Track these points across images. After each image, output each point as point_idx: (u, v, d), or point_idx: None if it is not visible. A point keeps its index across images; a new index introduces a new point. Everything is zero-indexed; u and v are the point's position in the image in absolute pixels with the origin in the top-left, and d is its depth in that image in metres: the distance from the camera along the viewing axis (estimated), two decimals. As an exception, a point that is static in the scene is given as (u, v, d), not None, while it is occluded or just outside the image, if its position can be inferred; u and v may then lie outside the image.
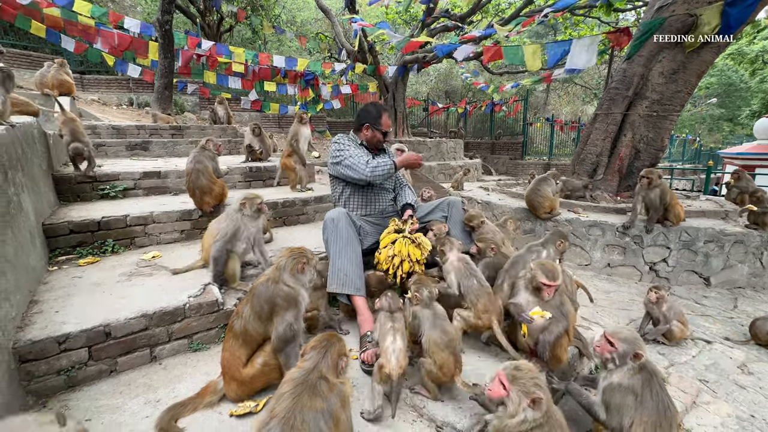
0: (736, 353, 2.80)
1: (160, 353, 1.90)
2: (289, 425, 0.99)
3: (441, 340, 1.61)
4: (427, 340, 1.63)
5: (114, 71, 10.62)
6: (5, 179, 1.88)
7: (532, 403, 1.17)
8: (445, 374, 1.58)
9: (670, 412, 1.41)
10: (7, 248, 1.71)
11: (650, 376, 1.47)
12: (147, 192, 3.58)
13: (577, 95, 23.73)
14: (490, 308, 1.88)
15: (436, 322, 1.68)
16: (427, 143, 10.78)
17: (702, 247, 3.88)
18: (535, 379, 1.21)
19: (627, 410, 1.43)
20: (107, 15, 9.25)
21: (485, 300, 1.90)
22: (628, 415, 1.43)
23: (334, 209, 2.29)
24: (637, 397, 1.44)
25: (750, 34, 16.94)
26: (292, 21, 18.21)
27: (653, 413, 1.40)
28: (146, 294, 2.03)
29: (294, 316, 1.63)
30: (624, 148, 5.16)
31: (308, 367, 1.14)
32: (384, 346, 1.62)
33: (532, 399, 1.17)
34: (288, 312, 1.62)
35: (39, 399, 1.58)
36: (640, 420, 1.40)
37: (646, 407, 1.42)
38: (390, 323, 1.69)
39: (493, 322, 1.85)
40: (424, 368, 1.61)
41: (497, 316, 1.88)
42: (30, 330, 1.64)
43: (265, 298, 1.61)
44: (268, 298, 1.61)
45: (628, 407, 1.44)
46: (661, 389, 1.44)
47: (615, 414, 1.46)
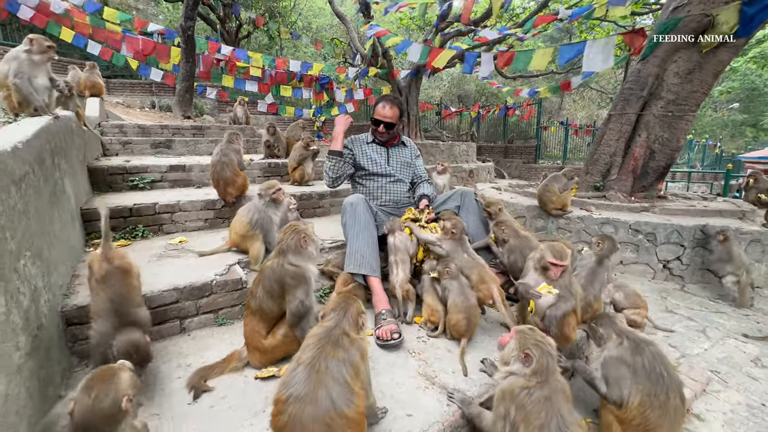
0: (750, 348, 2.79)
1: (189, 325, 2.03)
2: (314, 369, 1.10)
3: (461, 304, 1.92)
4: (452, 303, 1.94)
5: (137, 75, 11.06)
6: (53, 163, 2.05)
7: (524, 357, 1.25)
8: (457, 331, 1.92)
9: (663, 381, 1.44)
10: (54, 225, 1.87)
11: (636, 345, 1.52)
12: (172, 184, 3.77)
13: (592, 99, 23.49)
14: (486, 278, 2.03)
15: (462, 290, 1.96)
16: (440, 146, 10.85)
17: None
18: (539, 342, 1.28)
19: (624, 381, 1.49)
20: (132, 21, 9.69)
21: (478, 271, 2.06)
22: (626, 386, 1.48)
23: (353, 195, 2.41)
24: (630, 368, 1.49)
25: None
26: (308, 27, 18.63)
27: (646, 382, 1.45)
28: (176, 272, 2.18)
29: (304, 292, 1.70)
30: (638, 149, 5.15)
31: (330, 325, 1.24)
32: (390, 276, 2.18)
33: (524, 353, 1.25)
34: (298, 289, 1.68)
35: (82, 360, 1.72)
36: (636, 390, 1.46)
37: (639, 376, 1.46)
38: (393, 256, 2.19)
39: (493, 290, 1.99)
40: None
41: (496, 284, 2.03)
42: (74, 297, 1.79)
43: (274, 279, 1.68)
44: (278, 279, 1.68)
45: (624, 378, 1.49)
46: (654, 359, 1.48)
47: (615, 387, 1.52)
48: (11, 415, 1.06)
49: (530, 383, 1.24)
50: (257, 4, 13.79)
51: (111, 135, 5.43)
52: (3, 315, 1.09)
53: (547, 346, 1.31)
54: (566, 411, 1.23)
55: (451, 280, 2.00)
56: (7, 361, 1.08)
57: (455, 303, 1.94)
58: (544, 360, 1.26)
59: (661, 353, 1.52)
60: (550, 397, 1.23)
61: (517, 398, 1.23)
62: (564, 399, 1.26)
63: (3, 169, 1.26)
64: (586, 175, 5.58)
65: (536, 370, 1.25)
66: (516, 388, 1.25)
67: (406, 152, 2.85)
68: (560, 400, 1.24)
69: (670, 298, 3.58)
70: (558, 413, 1.21)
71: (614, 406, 1.51)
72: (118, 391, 1.02)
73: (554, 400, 1.23)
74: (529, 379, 1.25)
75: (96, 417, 0.97)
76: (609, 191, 5.20)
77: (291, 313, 1.68)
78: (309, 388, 1.06)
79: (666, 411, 1.40)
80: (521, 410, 1.21)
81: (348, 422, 1.07)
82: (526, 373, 1.26)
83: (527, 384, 1.24)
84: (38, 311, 1.40)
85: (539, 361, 1.25)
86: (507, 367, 1.32)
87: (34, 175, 1.62)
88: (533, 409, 1.20)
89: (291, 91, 11.96)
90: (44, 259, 1.57)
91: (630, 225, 4.02)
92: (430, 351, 1.88)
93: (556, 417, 1.20)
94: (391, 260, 2.22)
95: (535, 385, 1.24)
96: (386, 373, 1.69)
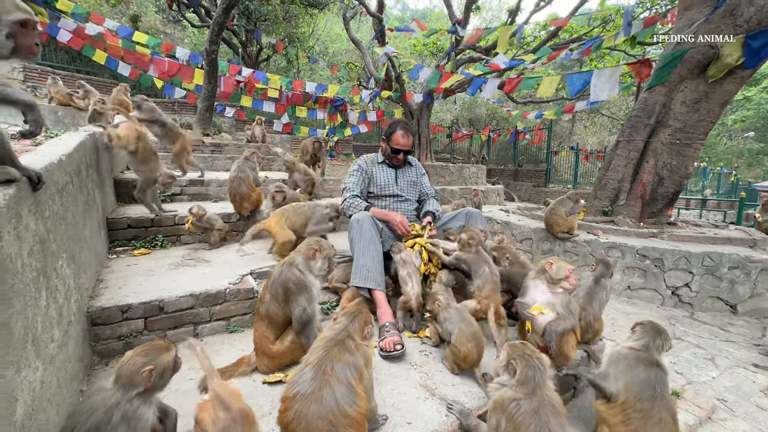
0: (760, 378, 2.75)
1: (202, 331, 2.13)
2: (321, 370, 1.18)
3: (467, 331, 1.84)
4: (458, 332, 1.85)
5: (162, 94, 11.63)
6: (87, 175, 2.23)
7: (509, 368, 1.31)
8: (469, 363, 1.82)
9: (654, 394, 1.50)
10: (85, 231, 2.03)
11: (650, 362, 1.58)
12: (191, 198, 3.96)
13: (603, 125, 23.58)
14: (491, 296, 2.09)
15: (463, 315, 1.92)
16: (450, 168, 11.02)
17: (726, 273, 3.83)
18: (525, 354, 1.34)
19: (620, 378, 1.57)
20: (161, 45, 10.32)
21: (490, 287, 2.11)
22: (621, 382, 1.56)
23: (360, 212, 2.52)
24: (631, 369, 1.56)
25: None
26: (324, 51, 19.39)
27: (637, 387, 1.52)
28: (192, 280, 2.30)
29: (306, 300, 1.76)
30: (646, 175, 5.19)
31: (339, 328, 1.33)
32: (406, 289, 2.19)
33: (509, 362, 1.31)
34: (300, 296, 1.75)
35: (102, 359, 1.83)
36: (625, 389, 1.54)
37: (634, 380, 1.54)
38: (404, 270, 2.22)
39: (489, 308, 2.04)
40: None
41: (495, 305, 2.08)
42: (99, 299, 1.92)
43: (279, 282, 1.75)
44: (282, 282, 1.75)
45: (621, 375, 1.58)
46: (657, 378, 1.53)
47: (611, 380, 1.59)
48: (44, 401, 1.16)
49: (518, 394, 1.28)
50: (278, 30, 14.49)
51: (135, 150, 5.71)
52: (44, 308, 1.21)
53: (534, 360, 1.35)
54: (555, 425, 1.25)
55: (447, 310, 1.95)
56: (45, 350, 1.19)
57: (461, 331, 1.83)
58: (529, 372, 1.31)
59: (666, 381, 1.56)
60: (538, 410, 1.26)
61: (507, 410, 1.28)
62: (553, 413, 1.28)
63: (51, 179, 1.41)
64: (594, 199, 5.62)
65: (521, 380, 1.30)
66: (506, 400, 1.30)
67: (412, 171, 2.97)
68: (549, 413, 1.27)
69: (679, 325, 3.55)
70: (546, 427, 1.24)
71: (605, 399, 1.60)
72: None
73: (542, 413, 1.26)
74: (516, 390, 1.30)
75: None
76: (617, 216, 5.23)
77: (296, 320, 1.76)
78: (315, 387, 1.14)
79: (649, 418, 1.45)
80: (510, 422, 1.26)
81: (350, 421, 1.14)
82: (512, 384, 1.31)
83: (515, 395, 1.29)
84: (69, 309, 1.52)
85: (523, 371, 1.30)
86: (498, 379, 1.38)
87: (72, 185, 1.78)
88: (522, 421, 1.24)
89: (306, 112, 12.41)
90: (76, 262, 1.71)
91: (637, 250, 4.03)
92: (431, 364, 1.93)
93: (545, 430, 1.23)
94: (403, 274, 2.22)
95: (523, 396, 1.28)
96: (388, 383, 1.74)
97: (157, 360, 1.19)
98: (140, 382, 1.14)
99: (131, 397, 1.12)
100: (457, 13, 10.04)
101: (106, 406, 1.08)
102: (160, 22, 17.48)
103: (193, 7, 13.34)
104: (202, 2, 13.29)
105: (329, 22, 20.58)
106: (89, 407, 1.08)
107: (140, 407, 1.13)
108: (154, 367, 1.17)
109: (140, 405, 1.13)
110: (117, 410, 1.09)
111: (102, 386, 1.15)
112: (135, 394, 1.13)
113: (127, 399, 1.12)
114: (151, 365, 1.16)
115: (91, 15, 9.57)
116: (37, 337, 1.14)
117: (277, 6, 13.61)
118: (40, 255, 1.22)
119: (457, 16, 9.80)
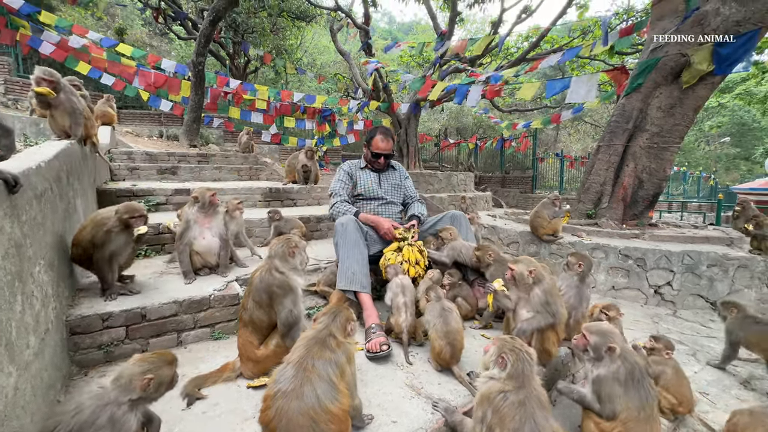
0: (741, 370, 2.82)
1: (186, 338, 2.10)
2: (301, 367, 1.18)
3: (441, 329, 1.86)
4: (432, 327, 1.90)
5: (147, 106, 11.55)
6: (68, 183, 2.20)
7: (500, 361, 1.33)
8: (442, 360, 1.84)
9: (651, 399, 1.54)
10: (66, 240, 2.00)
11: (632, 367, 1.60)
12: (176, 207, 3.91)
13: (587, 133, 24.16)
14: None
15: (442, 313, 1.92)
16: (438, 176, 11.14)
17: (705, 271, 3.93)
18: (516, 348, 1.36)
19: (617, 399, 1.56)
20: (146, 57, 10.28)
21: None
22: (618, 403, 1.55)
23: (344, 216, 2.54)
24: (622, 386, 1.57)
25: (756, 76, 17.27)
26: (312, 63, 19.57)
27: (636, 400, 1.53)
28: (176, 287, 2.27)
29: (292, 301, 1.75)
30: (627, 178, 5.34)
31: (320, 327, 1.33)
32: (398, 320, 2.06)
33: (500, 357, 1.33)
34: (286, 299, 1.75)
35: (81, 369, 1.78)
36: (626, 406, 1.53)
37: (630, 396, 1.54)
38: (402, 298, 2.09)
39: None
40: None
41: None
42: (78, 308, 1.88)
43: (262, 288, 1.74)
44: (266, 288, 1.74)
45: (617, 396, 1.56)
46: (642, 378, 1.57)
47: (607, 403, 1.59)
48: (18, 407, 1.13)
49: (506, 387, 1.30)
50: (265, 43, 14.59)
51: (120, 161, 5.65)
52: (19, 313, 1.19)
53: (524, 354, 1.38)
54: (541, 417, 1.28)
55: (433, 303, 1.97)
56: (19, 356, 1.17)
57: (435, 327, 1.86)
58: (519, 365, 1.33)
59: (645, 372, 1.60)
60: (525, 402, 1.28)
61: (493, 402, 1.29)
62: (539, 405, 1.31)
63: (28, 184, 1.40)
64: (578, 203, 5.74)
65: (511, 374, 1.32)
66: (493, 392, 1.31)
67: (395, 175, 3.02)
68: (535, 406, 1.29)
69: (662, 323, 3.62)
70: (532, 418, 1.26)
71: (605, 420, 1.58)
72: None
73: (528, 405, 1.28)
74: (505, 382, 1.31)
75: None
76: (601, 218, 5.34)
77: (282, 323, 1.75)
78: (296, 384, 1.14)
79: (650, 420, 1.48)
80: (496, 414, 1.27)
81: (332, 417, 1.14)
82: (502, 377, 1.33)
83: (503, 388, 1.30)
84: (47, 316, 1.49)
85: (514, 365, 1.32)
86: (486, 372, 1.39)
87: (52, 191, 1.77)
88: (507, 413, 1.26)
89: (294, 122, 12.44)
90: (55, 270, 1.68)
91: (620, 250, 4.12)
92: (417, 365, 1.94)
93: (530, 421, 1.25)
94: (399, 303, 2.08)
95: (512, 389, 1.30)
96: (375, 384, 1.74)
97: (158, 371, 1.21)
98: (136, 388, 1.15)
99: (122, 402, 1.13)
100: (442, 25, 10.27)
101: (96, 405, 1.08)
102: (147, 35, 17.48)
103: (180, 20, 13.38)
104: (188, 15, 13.34)
105: (317, 34, 20.83)
106: (77, 405, 1.07)
107: (127, 413, 1.13)
108: (153, 377, 1.18)
109: (127, 411, 1.13)
110: (104, 412, 1.08)
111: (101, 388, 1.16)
112: (128, 399, 1.14)
113: (118, 403, 1.12)
114: (151, 375, 1.18)
115: (74, 27, 9.50)
116: (11, 342, 1.12)
117: (265, 19, 13.75)
118: (16, 259, 1.20)
119: (442, 27, 10.02)
